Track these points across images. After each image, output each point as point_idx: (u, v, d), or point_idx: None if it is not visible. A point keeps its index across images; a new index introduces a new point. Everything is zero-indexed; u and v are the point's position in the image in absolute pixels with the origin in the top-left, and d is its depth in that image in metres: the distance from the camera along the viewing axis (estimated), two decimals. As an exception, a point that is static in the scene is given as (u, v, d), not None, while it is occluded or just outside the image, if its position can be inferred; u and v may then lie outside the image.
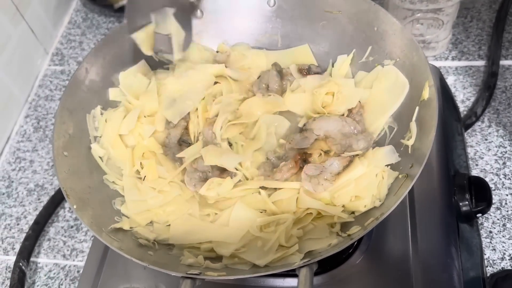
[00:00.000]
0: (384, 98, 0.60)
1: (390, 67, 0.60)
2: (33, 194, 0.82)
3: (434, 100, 0.50)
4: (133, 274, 0.59)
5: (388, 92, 0.60)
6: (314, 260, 0.44)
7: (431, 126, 0.49)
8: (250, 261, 0.50)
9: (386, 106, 0.59)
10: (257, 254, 0.51)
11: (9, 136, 0.90)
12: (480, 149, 0.76)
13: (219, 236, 0.54)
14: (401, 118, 0.57)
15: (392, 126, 0.59)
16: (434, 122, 0.49)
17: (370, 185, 0.52)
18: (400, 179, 0.51)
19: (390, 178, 0.53)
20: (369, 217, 0.50)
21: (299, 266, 0.44)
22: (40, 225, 0.76)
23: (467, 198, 0.60)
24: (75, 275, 0.73)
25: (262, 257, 0.50)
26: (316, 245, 0.50)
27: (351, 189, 0.53)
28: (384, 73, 0.61)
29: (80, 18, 1.06)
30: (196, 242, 0.54)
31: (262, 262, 0.49)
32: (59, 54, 1.00)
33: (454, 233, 0.57)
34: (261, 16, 0.70)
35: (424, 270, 0.54)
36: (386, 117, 0.59)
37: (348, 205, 0.54)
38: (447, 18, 0.80)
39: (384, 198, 0.51)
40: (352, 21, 0.63)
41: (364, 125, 0.59)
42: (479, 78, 0.84)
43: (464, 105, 0.81)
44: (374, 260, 0.56)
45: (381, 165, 0.54)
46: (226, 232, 0.54)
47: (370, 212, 0.51)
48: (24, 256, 0.72)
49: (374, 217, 0.49)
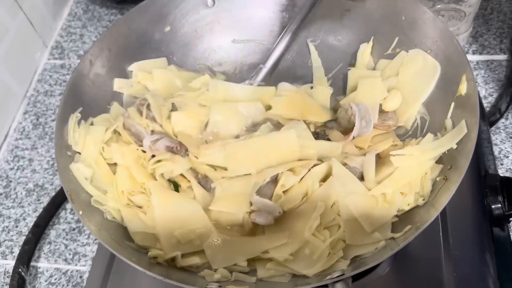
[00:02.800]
0: (413, 84, 0.57)
1: (415, 51, 0.57)
2: (32, 195, 0.79)
3: (474, 96, 0.47)
4: (142, 283, 0.56)
5: (417, 78, 0.56)
6: (349, 274, 0.40)
7: (472, 124, 0.46)
8: (298, 270, 0.46)
9: (416, 93, 0.56)
10: (306, 263, 0.47)
11: (7, 133, 0.87)
12: (505, 148, 0.72)
13: (271, 242, 0.49)
14: (434, 113, 0.54)
15: (425, 117, 0.55)
16: (475, 119, 0.45)
17: (413, 180, 0.48)
18: (438, 182, 0.47)
19: (434, 172, 0.49)
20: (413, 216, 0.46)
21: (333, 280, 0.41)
22: (40, 228, 0.73)
23: (499, 200, 0.57)
24: (78, 280, 0.70)
25: (310, 266, 0.46)
26: (361, 249, 0.47)
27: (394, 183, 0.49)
28: (410, 58, 0.58)
29: (81, 10, 1.03)
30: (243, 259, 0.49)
31: (311, 272, 0.46)
32: (59, 47, 0.97)
33: (488, 239, 0.54)
34: (276, 5, 0.66)
35: (458, 280, 0.51)
36: (418, 105, 0.56)
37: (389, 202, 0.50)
38: (470, 10, 0.77)
39: (428, 195, 0.48)
40: (377, 10, 0.60)
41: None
42: (501, 72, 0.81)
43: (487, 101, 0.78)
44: (402, 269, 0.52)
45: (425, 157, 0.50)
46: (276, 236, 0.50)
47: (413, 211, 0.48)
48: (24, 261, 0.69)
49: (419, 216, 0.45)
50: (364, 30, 0.62)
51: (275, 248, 0.49)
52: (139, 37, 0.63)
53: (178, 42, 0.67)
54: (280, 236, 0.49)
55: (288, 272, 0.48)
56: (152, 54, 0.65)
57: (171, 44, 0.66)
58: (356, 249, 0.47)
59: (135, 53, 0.64)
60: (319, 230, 0.50)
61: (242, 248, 0.50)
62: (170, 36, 0.66)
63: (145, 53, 0.64)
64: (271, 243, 0.49)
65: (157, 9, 0.64)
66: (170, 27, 0.65)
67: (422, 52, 0.56)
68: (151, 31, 0.64)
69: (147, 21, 0.64)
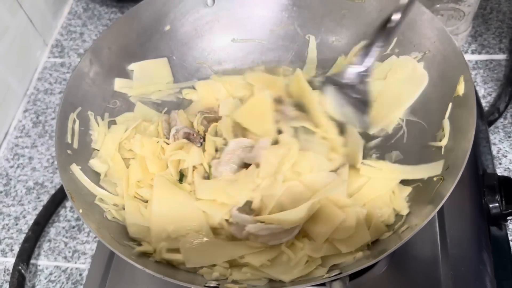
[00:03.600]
0: (399, 90, 0.57)
1: (406, 58, 0.57)
2: (32, 193, 0.79)
3: (471, 96, 0.47)
4: (140, 280, 0.56)
5: (404, 84, 0.57)
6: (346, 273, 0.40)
7: (469, 125, 0.46)
8: (274, 276, 0.47)
9: (401, 98, 0.56)
10: (283, 268, 0.47)
11: (7, 131, 0.87)
12: (503, 147, 0.72)
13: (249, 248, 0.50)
14: (432, 114, 0.54)
15: (411, 119, 0.56)
16: (472, 120, 0.45)
17: (383, 195, 0.50)
18: (434, 181, 0.47)
19: (403, 192, 0.51)
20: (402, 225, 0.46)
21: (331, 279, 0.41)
22: (40, 226, 0.73)
23: (497, 199, 0.57)
24: (77, 278, 0.70)
25: (287, 272, 0.46)
26: (339, 258, 0.47)
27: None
28: (399, 63, 0.58)
29: (81, 8, 1.03)
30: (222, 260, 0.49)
31: (288, 278, 0.46)
32: (59, 46, 0.97)
33: (485, 238, 0.54)
34: (276, 4, 0.66)
35: (455, 278, 0.51)
36: (401, 111, 0.56)
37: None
38: (469, 9, 0.77)
39: (407, 209, 0.49)
40: (375, 10, 0.60)
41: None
42: (500, 72, 0.80)
43: (486, 101, 0.78)
44: (400, 268, 0.53)
45: (392, 176, 0.52)
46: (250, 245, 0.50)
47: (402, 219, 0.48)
48: (24, 259, 0.69)
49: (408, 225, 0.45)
50: (363, 30, 0.62)
51: (252, 254, 0.49)
52: (139, 36, 0.63)
53: (178, 41, 0.66)
54: (258, 244, 0.50)
55: (264, 276, 0.48)
56: (152, 53, 0.65)
57: (171, 43, 0.66)
58: (334, 258, 0.48)
59: (135, 52, 0.63)
60: (298, 238, 0.50)
61: (217, 251, 0.50)
62: (170, 35, 0.66)
63: (145, 52, 0.64)
64: (248, 249, 0.50)
65: (157, 8, 0.64)
66: (170, 26, 0.65)
67: (412, 60, 0.57)
68: (151, 30, 0.64)
69: (147, 20, 0.63)
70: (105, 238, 0.47)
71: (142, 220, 0.53)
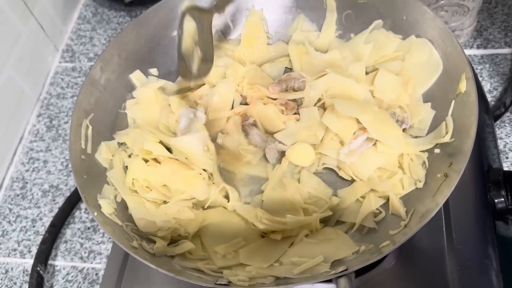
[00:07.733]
0: (414, 74, 0.57)
1: (423, 40, 0.57)
2: (48, 195, 0.80)
3: (472, 94, 0.48)
4: (155, 280, 0.57)
5: (420, 70, 0.57)
6: (353, 269, 0.41)
7: (471, 122, 0.46)
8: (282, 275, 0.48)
9: (416, 84, 0.57)
10: (286, 267, 0.48)
11: (22, 135, 0.88)
12: (510, 141, 0.73)
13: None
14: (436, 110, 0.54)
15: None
16: (474, 117, 0.46)
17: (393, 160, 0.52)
18: (438, 178, 0.48)
19: (419, 159, 0.51)
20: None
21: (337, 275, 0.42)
22: (56, 228, 0.75)
23: (503, 194, 0.57)
24: (94, 277, 0.71)
25: (290, 270, 0.47)
26: (340, 253, 0.48)
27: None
28: (417, 46, 0.58)
29: (90, 13, 1.04)
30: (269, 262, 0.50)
31: (291, 275, 0.47)
32: (70, 51, 0.99)
33: (491, 232, 0.55)
34: (280, 7, 0.67)
35: (461, 272, 0.51)
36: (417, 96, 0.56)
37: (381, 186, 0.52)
38: (473, 5, 0.77)
39: (424, 178, 0.50)
40: (378, 10, 0.60)
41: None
42: (506, 66, 0.80)
43: (492, 95, 0.78)
44: (407, 263, 0.53)
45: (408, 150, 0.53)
46: None
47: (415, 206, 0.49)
48: (42, 260, 0.71)
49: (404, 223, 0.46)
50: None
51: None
52: (148, 41, 0.64)
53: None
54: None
55: (269, 275, 0.49)
56: (160, 58, 0.66)
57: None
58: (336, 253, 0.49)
59: (144, 58, 0.65)
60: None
61: (269, 250, 0.52)
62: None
63: (154, 58, 0.65)
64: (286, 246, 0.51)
65: (164, 14, 0.65)
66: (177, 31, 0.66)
67: (429, 45, 0.56)
68: (159, 36, 0.65)
69: (155, 26, 0.65)
70: (119, 239, 0.48)
71: (147, 214, 0.54)
